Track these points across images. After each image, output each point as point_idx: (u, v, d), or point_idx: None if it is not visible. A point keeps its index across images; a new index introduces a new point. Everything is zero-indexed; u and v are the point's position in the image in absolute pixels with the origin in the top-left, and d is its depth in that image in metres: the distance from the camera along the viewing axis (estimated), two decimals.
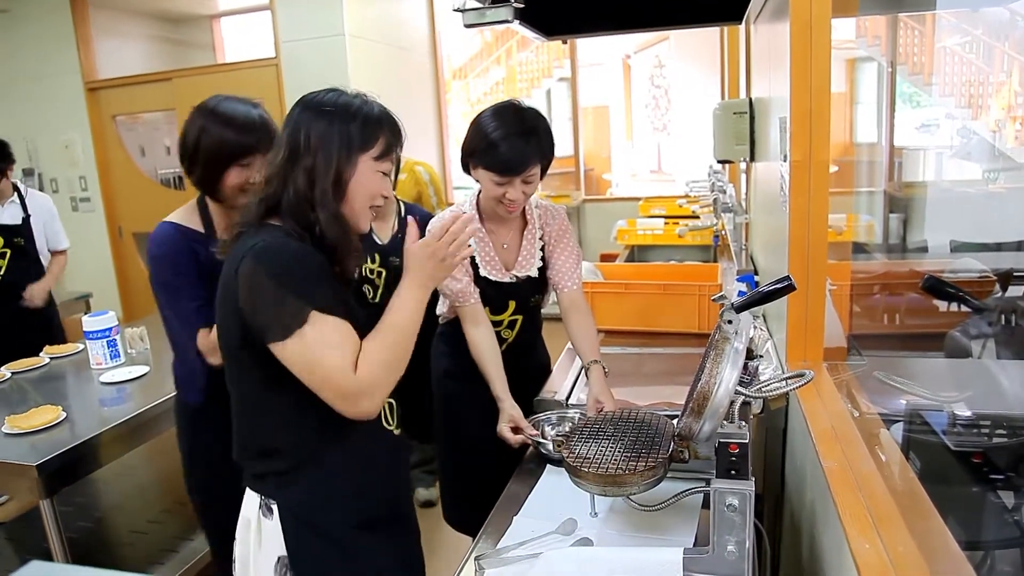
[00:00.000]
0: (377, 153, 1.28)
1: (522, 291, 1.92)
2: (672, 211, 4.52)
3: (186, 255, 1.67)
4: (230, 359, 1.29)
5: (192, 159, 1.67)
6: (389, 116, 1.32)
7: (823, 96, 1.63)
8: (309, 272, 1.19)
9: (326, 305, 1.18)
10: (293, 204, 1.24)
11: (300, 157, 1.24)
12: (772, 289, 1.30)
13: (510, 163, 1.70)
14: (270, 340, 1.17)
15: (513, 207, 1.79)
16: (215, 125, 1.64)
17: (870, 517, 1.11)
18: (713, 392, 1.23)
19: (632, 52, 8.03)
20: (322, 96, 1.29)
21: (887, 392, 1.80)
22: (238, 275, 1.18)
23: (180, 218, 1.75)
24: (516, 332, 1.97)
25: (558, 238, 1.96)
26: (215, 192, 1.70)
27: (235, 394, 1.32)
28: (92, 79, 5.43)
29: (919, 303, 2.50)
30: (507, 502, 1.53)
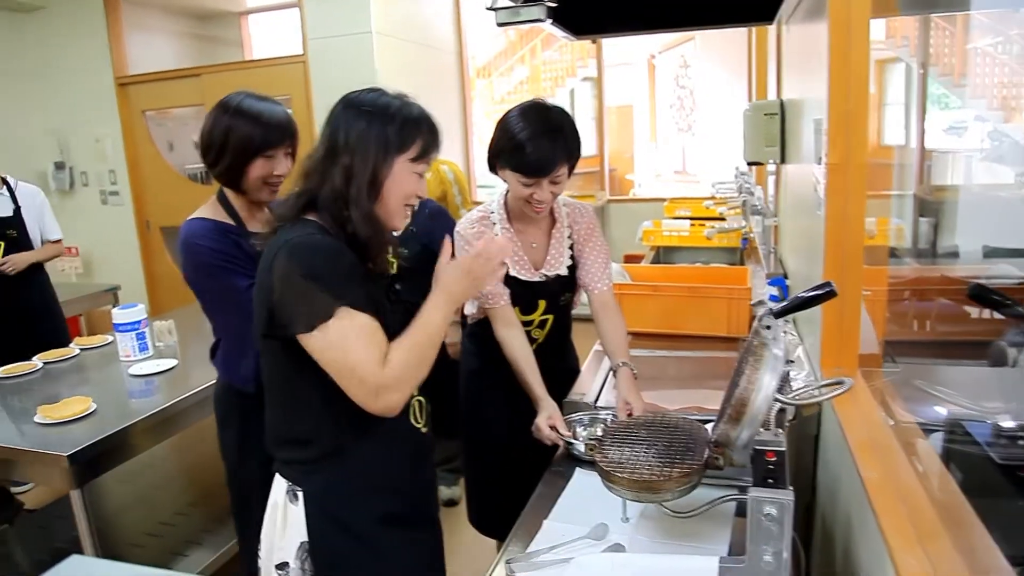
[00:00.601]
0: (414, 155, 1.29)
1: (552, 290, 1.91)
2: (698, 212, 4.47)
3: (229, 243, 1.73)
4: (262, 347, 1.32)
5: (219, 153, 1.71)
6: (428, 118, 1.33)
7: (861, 98, 1.60)
8: (340, 269, 1.22)
9: (355, 302, 1.20)
10: (329, 200, 1.26)
11: (338, 155, 1.26)
12: (812, 295, 1.28)
13: (537, 164, 1.69)
14: (295, 331, 1.19)
15: (541, 208, 1.78)
16: (243, 121, 1.70)
17: (913, 530, 1.08)
18: (752, 399, 1.20)
19: (657, 52, 7.98)
20: (363, 96, 1.31)
21: (923, 400, 1.76)
22: (272, 268, 1.21)
23: (208, 214, 1.78)
24: (546, 332, 1.95)
25: (586, 237, 1.94)
26: (238, 184, 1.75)
27: (267, 381, 1.35)
28: (123, 75, 5.50)
29: (951, 310, 2.46)
30: (536, 505, 1.51)
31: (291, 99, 5.00)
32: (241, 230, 1.78)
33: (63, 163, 5.77)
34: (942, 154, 3.79)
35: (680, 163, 8.17)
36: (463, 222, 1.91)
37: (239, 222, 1.79)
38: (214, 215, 1.78)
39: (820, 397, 1.28)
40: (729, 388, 1.42)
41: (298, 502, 1.30)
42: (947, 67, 4.15)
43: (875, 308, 1.79)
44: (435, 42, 5.57)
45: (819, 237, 1.73)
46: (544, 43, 7.84)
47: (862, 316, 1.69)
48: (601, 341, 1.94)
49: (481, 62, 7.82)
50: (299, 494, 1.30)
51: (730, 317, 2.43)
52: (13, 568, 2.59)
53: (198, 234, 1.73)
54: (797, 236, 2.43)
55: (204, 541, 2.60)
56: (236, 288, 1.70)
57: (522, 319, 1.90)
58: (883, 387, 1.69)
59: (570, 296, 1.97)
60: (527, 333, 1.91)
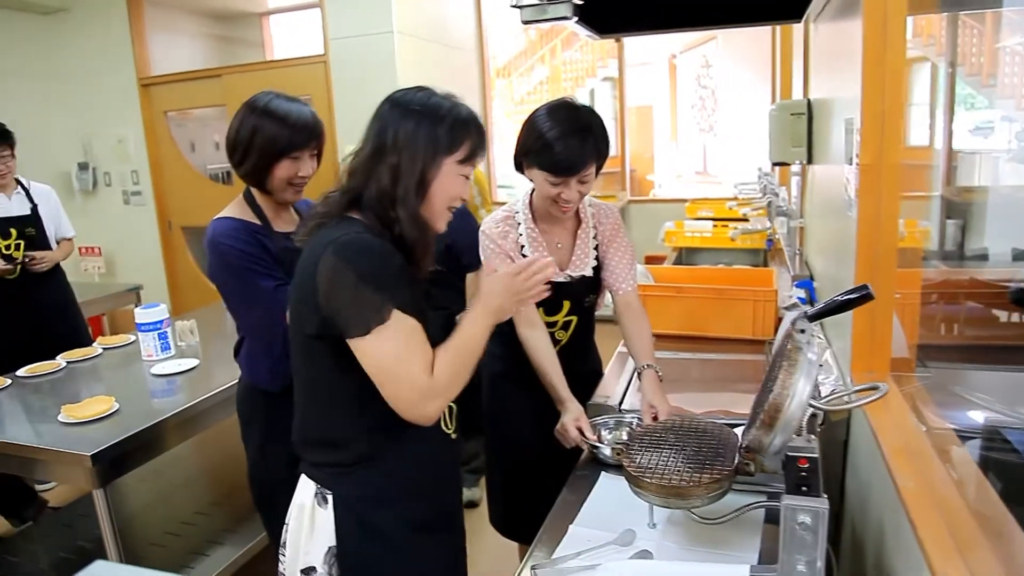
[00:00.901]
0: (461, 156, 1.29)
1: (576, 291, 1.89)
2: (720, 213, 4.42)
3: (255, 243, 1.73)
4: (298, 347, 1.30)
5: (245, 153, 1.72)
6: (476, 120, 1.32)
7: (897, 97, 1.57)
8: (391, 270, 1.21)
9: (404, 304, 1.20)
10: (375, 200, 1.25)
11: (385, 154, 1.24)
12: (849, 299, 1.25)
13: (566, 163, 1.67)
14: (352, 335, 1.18)
15: (567, 208, 1.76)
16: (270, 122, 1.70)
17: (952, 541, 1.05)
18: (786, 405, 1.18)
19: (678, 52, 7.93)
20: (412, 95, 1.29)
21: (957, 406, 1.72)
22: (318, 267, 1.19)
23: (235, 213, 1.79)
24: (570, 334, 1.93)
25: (611, 237, 1.92)
26: (263, 184, 1.76)
27: (300, 381, 1.33)
28: (145, 75, 5.53)
29: (980, 313, 2.41)
30: (561, 509, 1.50)
31: (312, 99, 5.00)
32: (267, 230, 1.78)
33: (86, 164, 5.82)
34: (968, 155, 3.72)
35: (701, 164, 8.11)
36: (488, 222, 1.90)
37: (265, 222, 1.80)
38: (241, 214, 1.78)
39: (856, 403, 1.25)
40: (760, 392, 1.40)
41: (327, 506, 1.29)
42: (974, 67, 4.08)
43: (905, 311, 1.75)
44: (456, 42, 5.56)
45: (850, 239, 1.70)
46: (564, 43, 7.81)
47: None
48: (626, 343, 1.92)
49: (501, 62, 7.81)
50: (328, 497, 1.29)
51: (755, 319, 2.40)
52: (38, 566, 2.61)
53: (226, 233, 1.73)
54: (825, 238, 2.39)
55: (225, 540, 2.59)
56: (262, 289, 1.70)
57: (546, 320, 1.88)
58: (915, 392, 1.66)
59: (594, 298, 1.94)
60: (551, 335, 1.89)
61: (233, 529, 2.66)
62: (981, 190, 3.49)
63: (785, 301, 2.45)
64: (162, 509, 2.85)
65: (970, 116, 4.21)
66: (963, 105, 4.21)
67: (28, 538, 2.85)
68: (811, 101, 2.65)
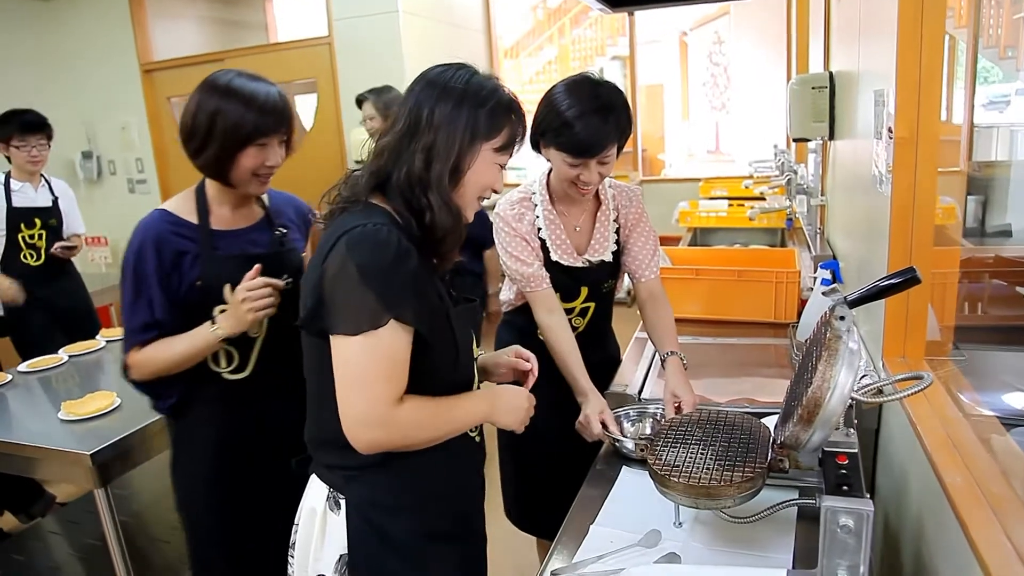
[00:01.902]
0: (500, 144, 1.20)
1: (595, 276, 1.80)
2: (735, 192, 4.32)
3: (160, 255, 1.51)
4: (311, 342, 1.21)
5: (205, 139, 1.51)
6: (518, 106, 1.23)
7: (935, 65, 1.48)
8: (401, 275, 1.11)
9: (403, 315, 1.10)
10: (404, 184, 1.15)
11: (420, 135, 1.15)
12: (893, 283, 1.16)
13: (586, 144, 1.58)
14: (338, 330, 1.10)
15: (586, 191, 1.67)
16: (233, 104, 1.49)
17: (1011, 546, 0.97)
18: (827, 398, 1.10)
19: (689, 29, 7.78)
20: (451, 73, 1.19)
21: (996, 391, 1.64)
22: (328, 257, 1.11)
23: (175, 206, 1.59)
24: (588, 320, 1.85)
25: (635, 223, 1.83)
26: (225, 176, 1.55)
27: (311, 376, 1.24)
28: (147, 61, 5.46)
29: (1005, 292, 2.32)
30: (582, 507, 1.42)
31: (317, 82, 4.93)
32: (198, 231, 1.57)
33: (90, 152, 5.77)
34: (985, 129, 3.60)
35: (713, 142, 7.99)
36: (503, 203, 1.81)
37: (204, 221, 1.58)
38: (180, 209, 1.58)
39: (899, 394, 1.16)
40: (794, 384, 1.32)
41: (339, 511, 1.21)
42: (992, 39, 3.94)
43: (937, 292, 1.67)
44: (463, 21, 5.45)
45: (881, 217, 1.62)
46: (573, 21, 7.67)
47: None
48: (648, 331, 1.83)
49: (509, 42, 7.68)
50: (341, 502, 1.21)
51: (777, 302, 2.31)
52: (46, 564, 2.57)
53: (139, 230, 1.54)
54: (850, 216, 2.29)
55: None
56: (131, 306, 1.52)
57: (564, 306, 1.79)
58: (951, 377, 1.57)
59: (613, 283, 1.86)
60: (568, 323, 1.80)
61: None
62: (1002, 165, 3.38)
63: (808, 282, 2.36)
64: (169, 504, 2.80)
65: (984, 90, 4.08)
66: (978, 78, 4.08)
67: (36, 535, 2.81)
68: (833, 74, 2.55)
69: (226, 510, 1.61)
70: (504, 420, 1.29)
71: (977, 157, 3.33)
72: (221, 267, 1.53)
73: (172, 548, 2.51)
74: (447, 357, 1.22)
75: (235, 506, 1.61)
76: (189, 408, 1.61)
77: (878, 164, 1.68)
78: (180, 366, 1.52)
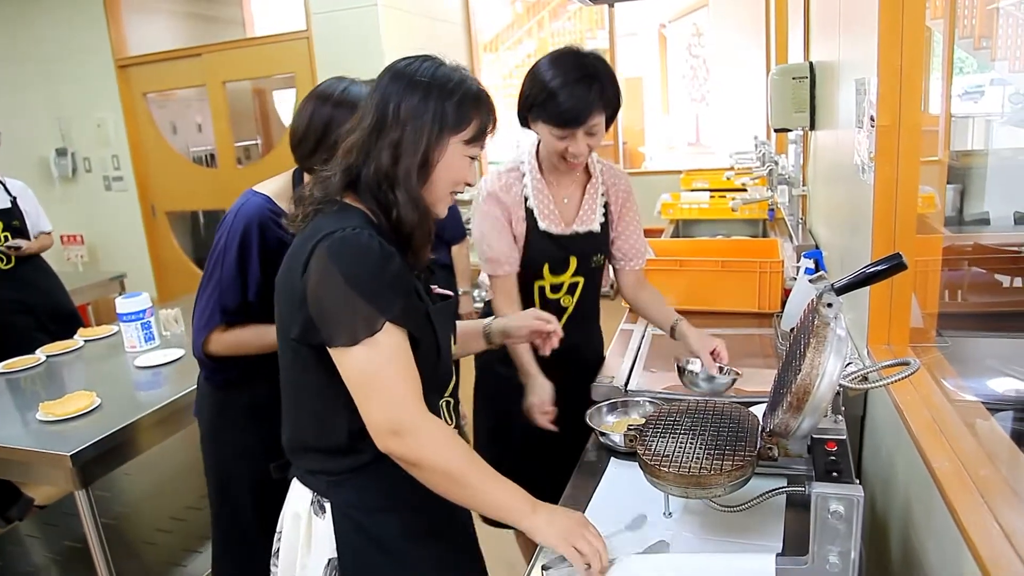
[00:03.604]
0: (468, 136, 1.18)
1: (583, 248, 1.79)
2: (716, 184, 4.33)
3: (264, 239, 1.57)
4: (286, 346, 1.19)
5: (316, 144, 1.56)
6: (487, 97, 1.21)
7: (916, 52, 1.49)
8: (387, 277, 1.09)
9: (396, 316, 1.09)
10: (372, 182, 1.14)
11: (387, 130, 1.13)
12: (879, 269, 1.16)
13: (571, 113, 1.57)
14: (336, 343, 1.08)
15: (576, 164, 1.66)
16: (344, 112, 1.51)
17: (1000, 528, 0.97)
18: (815, 385, 1.10)
19: (668, 21, 7.78)
20: (417, 65, 1.17)
21: (979, 376, 1.66)
22: (309, 265, 1.09)
23: (275, 193, 1.63)
24: (577, 299, 1.83)
25: (623, 204, 1.84)
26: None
27: (289, 383, 1.23)
28: (122, 56, 5.35)
29: (983, 279, 2.35)
30: (570, 500, 1.42)
31: (295, 77, 4.86)
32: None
33: (65, 149, 5.65)
34: (961, 119, 3.64)
35: (693, 134, 8.01)
36: (490, 178, 1.79)
37: None
38: (279, 196, 1.62)
39: (886, 380, 1.17)
40: (782, 372, 1.32)
41: (325, 515, 1.20)
42: (966, 29, 3.98)
43: (920, 279, 1.68)
44: (442, 14, 5.41)
45: (864, 205, 1.63)
46: (552, 14, 7.66)
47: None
48: (645, 313, 1.90)
49: (488, 36, 7.64)
50: (326, 506, 1.20)
51: (761, 292, 2.32)
52: (24, 569, 2.52)
53: (243, 215, 1.58)
54: (832, 205, 2.30)
55: (204, 548, 2.51)
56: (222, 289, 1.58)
57: (552, 281, 1.78)
58: (935, 363, 1.58)
59: (601, 259, 1.84)
60: (557, 302, 1.79)
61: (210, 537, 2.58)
62: (979, 154, 3.42)
63: (791, 272, 2.37)
64: (153, 505, 2.77)
65: (959, 80, 4.11)
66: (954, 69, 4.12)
67: (14, 539, 2.76)
68: (813, 64, 2.56)
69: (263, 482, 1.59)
70: (549, 534, 1.10)
71: (954, 147, 3.37)
72: None
73: (158, 550, 2.47)
74: (430, 357, 1.20)
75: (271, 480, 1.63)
76: (242, 381, 1.66)
77: (860, 153, 1.69)
78: (262, 352, 1.57)
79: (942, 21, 2.22)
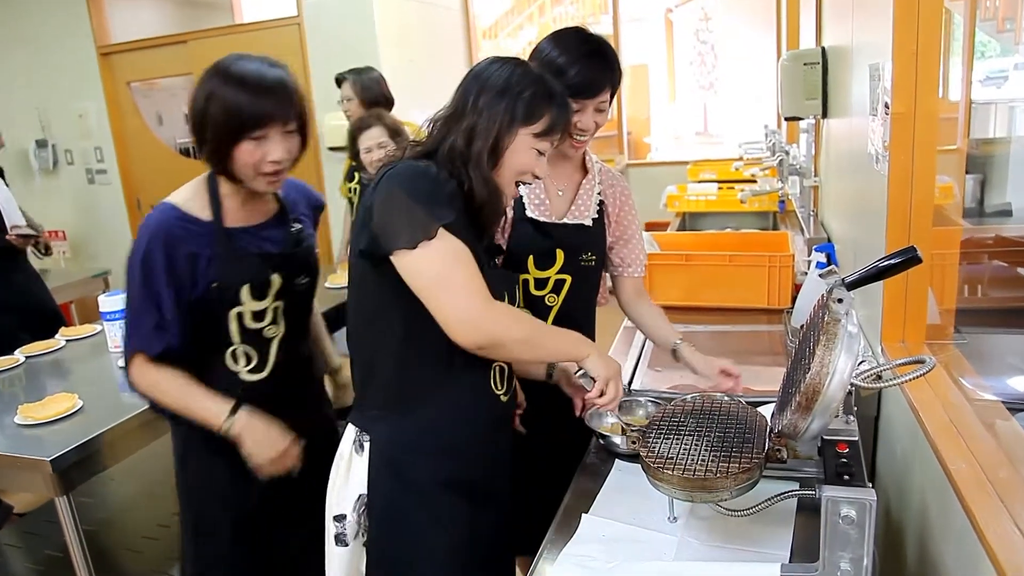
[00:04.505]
0: (539, 130, 1.28)
1: (571, 242, 1.69)
2: (724, 175, 4.26)
3: (170, 256, 1.39)
4: (354, 276, 1.31)
5: (200, 130, 1.38)
6: (562, 97, 1.32)
7: (933, 35, 1.44)
8: (442, 193, 1.21)
9: (453, 226, 1.19)
10: (446, 157, 1.26)
11: (464, 117, 1.26)
12: (893, 263, 1.11)
13: (586, 83, 1.52)
14: (397, 247, 1.17)
15: (581, 143, 1.61)
16: (225, 88, 1.35)
17: (1020, 533, 0.93)
18: (826, 384, 1.05)
19: (674, 6, 7.66)
20: (497, 66, 1.30)
21: (999, 375, 1.60)
22: (375, 191, 1.21)
23: (184, 200, 1.45)
24: (563, 298, 1.72)
25: (621, 208, 1.75)
26: (228, 170, 1.41)
27: (353, 312, 1.34)
28: (105, 44, 5.22)
29: (1006, 273, 2.28)
30: (574, 499, 1.38)
31: (286, 65, 4.77)
32: (212, 228, 1.44)
33: (45, 141, 5.48)
34: (982, 105, 3.55)
35: (701, 124, 7.92)
36: None
37: (218, 216, 1.45)
38: (191, 204, 1.44)
39: (901, 379, 1.11)
40: (791, 370, 1.26)
41: (363, 452, 1.30)
42: (988, 11, 3.88)
43: (937, 273, 1.62)
44: (439, 0, 5.32)
45: (879, 197, 1.58)
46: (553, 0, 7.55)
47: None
48: (643, 328, 1.80)
49: (487, 22, 7.53)
50: (365, 444, 1.30)
51: (771, 287, 2.25)
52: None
53: (148, 229, 1.40)
54: (845, 197, 2.24)
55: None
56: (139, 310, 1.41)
57: (537, 276, 1.68)
58: (952, 361, 1.53)
59: (592, 258, 1.75)
60: (541, 299, 1.70)
61: None
62: (1001, 142, 3.33)
63: (802, 266, 2.31)
64: (138, 511, 2.70)
65: (981, 65, 4.02)
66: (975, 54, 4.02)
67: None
68: (826, 49, 2.49)
69: (240, 521, 1.55)
70: (596, 366, 1.32)
71: (975, 134, 3.28)
72: (239, 269, 1.45)
73: (144, 558, 2.39)
74: None
75: (249, 518, 1.55)
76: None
77: (874, 142, 1.64)
78: (183, 415, 1.45)
79: (962, 3, 2.14)
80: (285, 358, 1.54)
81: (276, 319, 1.50)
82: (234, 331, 1.46)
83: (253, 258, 1.47)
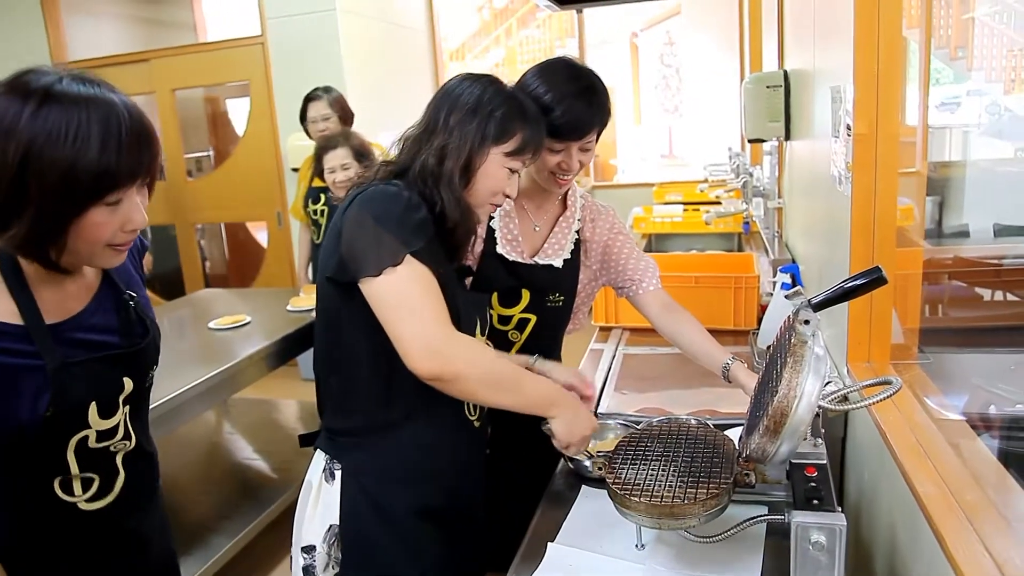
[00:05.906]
0: (510, 148, 1.27)
1: (538, 282, 1.64)
2: (690, 197, 4.29)
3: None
4: (322, 305, 1.29)
5: (12, 197, 0.91)
6: (535, 116, 1.32)
7: (894, 57, 1.46)
8: (412, 219, 1.18)
9: (422, 254, 1.17)
10: (418, 175, 1.25)
11: (435, 134, 1.25)
12: (858, 284, 1.11)
13: (573, 124, 1.46)
14: (363, 274, 1.15)
15: (566, 180, 1.55)
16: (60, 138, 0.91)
17: (990, 557, 0.91)
18: (794, 407, 1.03)
19: (640, 30, 7.77)
20: (468, 84, 1.29)
21: (962, 394, 1.60)
22: (345, 214, 1.20)
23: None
24: (526, 336, 1.67)
25: (608, 241, 1.69)
26: (52, 254, 0.97)
27: (320, 344, 1.32)
28: (62, 61, 5.13)
29: (963, 293, 2.31)
30: (540, 527, 1.33)
31: (251, 84, 4.70)
32: (31, 329, 1.00)
33: None
34: (938, 130, 3.64)
35: (666, 146, 8.01)
36: None
37: (33, 315, 1.01)
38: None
39: (868, 400, 1.10)
40: (758, 393, 1.25)
41: (334, 481, 1.27)
42: (942, 39, 3.99)
43: (900, 294, 1.63)
44: (405, 21, 5.28)
45: (842, 217, 1.58)
46: (520, 22, 7.61)
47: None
48: (683, 347, 1.65)
49: (454, 44, 7.55)
50: (336, 473, 1.27)
51: (736, 308, 2.25)
52: None
53: None
54: (808, 218, 2.25)
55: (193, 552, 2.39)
56: None
57: (501, 313, 1.65)
58: (917, 380, 1.53)
59: (559, 299, 1.69)
60: (504, 334, 1.66)
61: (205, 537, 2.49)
62: (957, 165, 3.41)
63: (767, 287, 2.32)
64: None
65: (936, 91, 4.13)
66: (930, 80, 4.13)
67: None
68: (788, 72, 2.52)
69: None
70: (560, 430, 1.27)
71: (932, 158, 3.35)
72: (80, 383, 1.03)
73: None
74: None
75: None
76: (24, 554, 1.11)
77: (837, 163, 1.64)
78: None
79: (918, 30, 2.18)
80: (132, 472, 1.16)
81: (127, 433, 1.13)
82: (72, 460, 1.07)
83: (94, 364, 1.06)
